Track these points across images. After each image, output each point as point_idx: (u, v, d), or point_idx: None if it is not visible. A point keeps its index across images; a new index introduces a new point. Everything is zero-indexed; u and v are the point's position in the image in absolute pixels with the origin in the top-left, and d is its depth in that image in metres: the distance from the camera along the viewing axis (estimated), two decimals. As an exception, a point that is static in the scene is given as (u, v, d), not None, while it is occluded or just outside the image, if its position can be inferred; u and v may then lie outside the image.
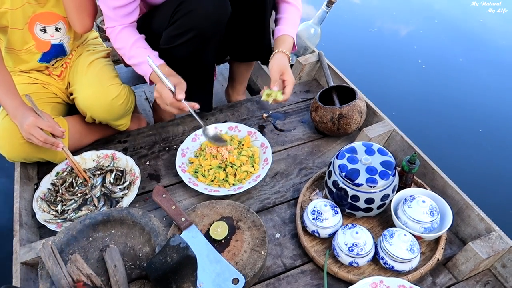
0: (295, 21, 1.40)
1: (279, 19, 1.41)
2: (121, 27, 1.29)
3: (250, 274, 1.02)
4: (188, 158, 1.37)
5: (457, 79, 2.56)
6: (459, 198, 1.17)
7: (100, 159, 1.37)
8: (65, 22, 1.35)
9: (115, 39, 1.31)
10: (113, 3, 1.23)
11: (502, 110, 2.29)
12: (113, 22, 1.28)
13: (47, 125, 1.18)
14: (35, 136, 1.16)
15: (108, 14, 1.27)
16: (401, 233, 1.05)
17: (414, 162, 1.15)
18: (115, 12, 1.25)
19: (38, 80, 1.41)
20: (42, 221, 1.18)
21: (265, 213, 1.24)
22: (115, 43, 1.31)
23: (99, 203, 1.23)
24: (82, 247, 1.00)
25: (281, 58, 1.31)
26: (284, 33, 1.36)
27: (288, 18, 1.39)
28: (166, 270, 0.84)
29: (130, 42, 1.28)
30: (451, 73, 2.61)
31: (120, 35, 1.29)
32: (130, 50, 1.28)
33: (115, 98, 1.33)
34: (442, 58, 2.75)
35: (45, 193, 1.27)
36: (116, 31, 1.29)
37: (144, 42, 1.31)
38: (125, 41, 1.29)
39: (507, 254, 1.05)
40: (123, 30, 1.29)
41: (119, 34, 1.29)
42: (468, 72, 2.62)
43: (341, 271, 1.05)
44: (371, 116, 1.49)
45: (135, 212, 1.05)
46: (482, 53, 2.81)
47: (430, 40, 2.97)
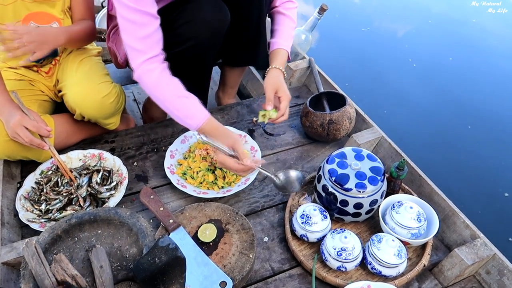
0: (289, 33, 1.41)
1: (275, 30, 1.41)
2: (159, 69, 1.13)
3: (238, 277, 1.01)
4: (177, 159, 1.36)
5: (447, 80, 2.61)
6: (445, 205, 1.19)
7: (86, 159, 1.34)
8: (59, 23, 1.33)
9: (155, 86, 1.15)
10: (142, 33, 1.10)
11: (490, 115, 2.33)
12: (143, 56, 1.12)
13: (33, 124, 1.15)
14: (20, 136, 1.14)
15: (137, 47, 1.11)
16: (389, 239, 1.05)
17: (402, 169, 1.16)
18: (144, 43, 1.11)
19: (25, 77, 1.38)
20: (25, 221, 1.14)
21: (253, 217, 1.23)
22: (154, 90, 1.15)
23: (85, 203, 1.21)
24: (67, 247, 0.97)
25: (275, 75, 1.30)
26: (279, 47, 1.36)
27: (283, 30, 1.39)
28: (154, 271, 0.83)
29: (173, 92, 1.15)
30: (442, 74, 2.65)
31: (160, 82, 1.14)
32: (176, 103, 1.15)
33: (106, 96, 1.31)
34: (432, 59, 2.80)
35: (28, 192, 1.23)
36: (155, 75, 1.13)
37: (183, 89, 1.17)
38: (167, 91, 1.15)
39: (491, 261, 1.06)
40: (162, 74, 1.14)
41: (159, 80, 1.14)
42: (459, 74, 2.66)
43: (329, 276, 1.05)
44: (360, 122, 1.50)
45: (123, 212, 1.03)
46: (477, 55, 2.86)
47: (422, 41, 3.02)
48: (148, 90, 1.17)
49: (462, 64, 2.74)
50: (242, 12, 1.33)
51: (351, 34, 3.06)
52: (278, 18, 1.42)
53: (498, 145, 2.13)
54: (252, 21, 1.38)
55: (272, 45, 1.39)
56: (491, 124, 2.26)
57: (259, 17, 1.37)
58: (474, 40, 3.04)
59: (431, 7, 3.51)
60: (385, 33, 3.10)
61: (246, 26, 1.39)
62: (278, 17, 1.42)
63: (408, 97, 2.43)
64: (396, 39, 3.02)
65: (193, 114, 1.15)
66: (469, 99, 2.44)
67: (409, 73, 2.65)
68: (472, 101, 2.43)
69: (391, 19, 3.32)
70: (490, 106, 2.39)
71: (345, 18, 3.27)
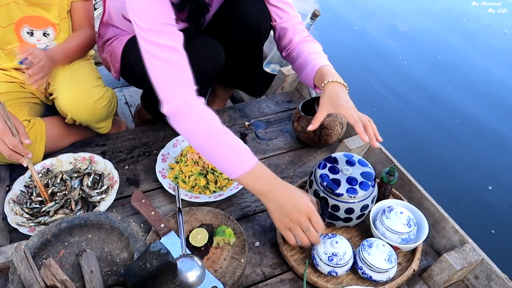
0: (322, 53, 1.29)
1: (310, 54, 1.26)
2: (202, 101, 1.03)
3: (229, 282, 1.01)
4: (168, 163, 1.36)
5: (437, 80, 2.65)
6: (434, 210, 1.20)
7: (77, 162, 1.33)
8: (54, 28, 1.32)
9: (200, 118, 1.01)
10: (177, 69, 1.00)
11: (478, 119, 2.37)
12: (182, 90, 1.00)
13: (10, 141, 1.10)
14: (0, 149, 1.11)
15: (172, 83, 1.00)
16: (380, 244, 1.06)
17: (393, 174, 1.18)
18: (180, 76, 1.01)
19: (16, 79, 1.37)
20: (13, 224, 1.13)
21: (245, 221, 1.23)
22: (198, 122, 1.01)
23: (76, 206, 1.20)
24: (57, 251, 0.96)
25: (331, 90, 1.15)
26: (324, 65, 1.22)
27: (319, 52, 1.28)
28: (145, 276, 0.83)
29: (220, 126, 1.03)
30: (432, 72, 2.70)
31: (206, 113, 1.02)
32: (224, 137, 1.02)
33: (98, 100, 1.30)
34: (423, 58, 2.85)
35: (18, 195, 1.22)
36: (199, 106, 1.01)
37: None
38: (214, 123, 1.03)
39: (479, 266, 1.08)
40: (206, 107, 1.03)
41: (205, 111, 1.02)
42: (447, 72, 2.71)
43: (320, 280, 1.05)
44: (351, 128, 1.51)
45: (114, 216, 1.02)
46: (474, 56, 2.91)
47: (414, 41, 3.06)
48: (190, 122, 1.01)
49: (450, 63, 2.80)
50: (241, 46, 1.35)
51: (345, 34, 3.10)
52: (305, 46, 1.30)
53: (488, 143, 2.17)
54: (250, 50, 1.39)
55: (314, 67, 1.23)
56: (478, 121, 2.32)
57: (258, 47, 1.38)
58: (465, 38, 3.09)
59: (429, 7, 3.56)
60: (376, 34, 3.15)
61: (244, 61, 1.41)
62: (306, 45, 1.30)
63: (398, 98, 2.47)
64: (387, 38, 3.08)
65: (242, 152, 1.02)
66: (453, 98, 2.49)
67: (399, 71, 2.70)
68: (455, 99, 2.48)
69: (384, 19, 3.37)
70: (473, 103, 2.45)
71: (335, 18, 3.32)
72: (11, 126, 1.13)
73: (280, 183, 1.02)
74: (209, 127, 1.01)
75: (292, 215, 0.99)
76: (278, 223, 1.02)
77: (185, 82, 1.02)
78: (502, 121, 2.35)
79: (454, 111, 2.39)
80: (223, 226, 1.11)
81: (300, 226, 1.00)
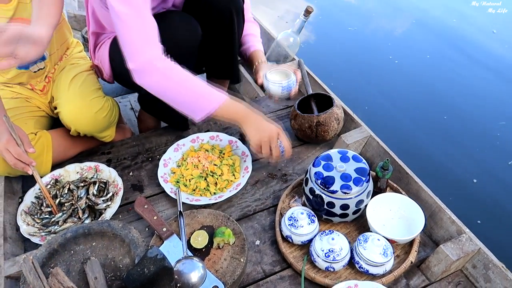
0: (259, 37, 1.67)
1: (246, 35, 1.62)
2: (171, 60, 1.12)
3: (229, 281, 1.05)
4: (170, 168, 1.40)
5: (433, 77, 2.66)
6: (432, 202, 1.20)
7: (83, 171, 1.39)
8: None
9: (170, 69, 1.12)
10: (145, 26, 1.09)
11: (470, 110, 2.39)
12: (151, 49, 1.09)
13: (15, 151, 1.17)
14: (6, 158, 1.18)
15: (141, 40, 1.08)
16: (375, 238, 1.08)
17: (387, 168, 1.18)
18: (149, 36, 1.09)
19: (21, 95, 1.43)
20: (26, 235, 1.20)
21: (245, 221, 1.27)
22: (171, 72, 1.12)
23: (83, 215, 1.25)
24: (64, 260, 1.02)
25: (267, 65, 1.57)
26: (256, 49, 1.62)
27: (254, 35, 1.64)
28: (144, 281, 0.87)
29: (190, 74, 1.14)
30: (425, 70, 2.72)
31: (176, 66, 1.13)
32: (196, 81, 1.15)
33: (99, 111, 1.35)
34: (415, 56, 2.88)
35: (29, 207, 1.28)
36: (170, 62, 1.12)
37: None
38: (184, 72, 1.14)
39: (476, 256, 1.08)
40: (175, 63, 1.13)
41: (175, 65, 1.13)
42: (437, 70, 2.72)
43: (318, 276, 1.08)
44: (349, 122, 1.52)
45: (115, 224, 1.07)
46: (472, 56, 2.88)
47: (406, 40, 3.05)
48: (159, 75, 1.10)
49: (440, 61, 2.81)
50: (217, 27, 1.41)
51: (339, 33, 3.13)
52: (246, 26, 1.56)
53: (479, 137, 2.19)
54: (226, 35, 1.45)
55: (250, 48, 1.63)
56: (467, 115, 2.35)
57: (232, 32, 1.45)
58: (456, 37, 3.09)
59: (423, 8, 3.55)
60: (369, 33, 3.18)
61: (220, 39, 1.46)
62: (246, 25, 1.56)
63: (393, 94, 2.51)
64: (380, 37, 3.10)
65: (214, 89, 1.17)
66: (445, 93, 2.53)
67: (392, 70, 2.73)
68: (446, 94, 2.52)
69: (377, 19, 3.36)
70: (464, 99, 2.48)
71: (330, 19, 3.35)
72: (15, 137, 1.20)
73: (253, 110, 1.23)
74: (178, 75, 1.12)
75: (266, 134, 1.21)
76: (256, 142, 1.23)
77: (152, 40, 1.10)
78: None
79: (443, 107, 2.43)
80: (222, 227, 1.15)
81: (271, 142, 1.22)
